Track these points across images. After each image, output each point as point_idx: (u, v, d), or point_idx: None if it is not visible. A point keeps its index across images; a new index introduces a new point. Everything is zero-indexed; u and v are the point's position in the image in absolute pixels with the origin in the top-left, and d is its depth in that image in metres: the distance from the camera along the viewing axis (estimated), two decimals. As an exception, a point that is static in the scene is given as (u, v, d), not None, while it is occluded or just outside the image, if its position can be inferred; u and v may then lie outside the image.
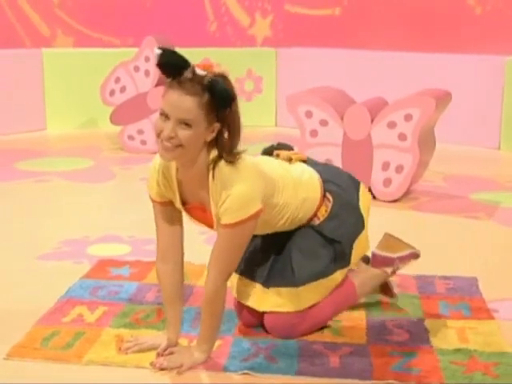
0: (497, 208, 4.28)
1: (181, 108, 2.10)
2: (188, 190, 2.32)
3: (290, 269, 2.48)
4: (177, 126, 2.11)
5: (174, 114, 2.11)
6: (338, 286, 2.56)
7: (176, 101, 2.10)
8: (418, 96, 4.33)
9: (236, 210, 2.19)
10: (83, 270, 3.15)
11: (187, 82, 2.10)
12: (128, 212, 4.15)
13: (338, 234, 2.51)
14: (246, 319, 2.59)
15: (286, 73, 7.00)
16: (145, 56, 5.63)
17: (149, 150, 5.71)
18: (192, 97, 2.10)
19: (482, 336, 2.53)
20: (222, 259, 2.29)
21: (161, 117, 2.14)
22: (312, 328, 2.52)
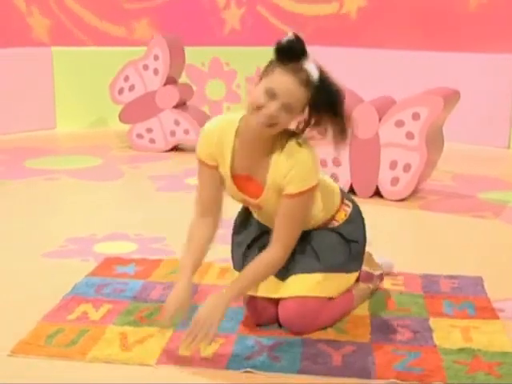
0: (504, 207, 4.26)
1: (293, 95, 2.21)
2: (243, 159, 2.39)
3: (313, 256, 2.53)
4: (281, 108, 2.21)
5: (284, 98, 2.21)
6: (346, 291, 2.62)
7: (290, 87, 2.21)
8: (426, 95, 4.32)
9: (301, 180, 2.32)
10: (89, 268, 3.16)
11: (303, 72, 2.22)
12: (135, 210, 4.17)
13: (355, 236, 2.62)
14: (258, 315, 2.57)
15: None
16: (154, 55, 5.64)
17: (157, 149, 5.74)
18: (305, 88, 2.22)
19: (486, 335, 2.52)
20: (286, 231, 2.39)
21: (266, 94, 2.21)
22: (322, 325, 2.53)
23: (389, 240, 3.56)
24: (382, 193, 4.37)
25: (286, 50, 2.23)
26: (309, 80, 2.23)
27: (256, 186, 2.42)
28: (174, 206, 4.26)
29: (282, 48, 2.24)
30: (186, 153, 5.74)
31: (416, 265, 3.24)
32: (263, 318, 2.58)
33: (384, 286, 2.95)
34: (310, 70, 2.24)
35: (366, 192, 4.38)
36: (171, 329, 2.54)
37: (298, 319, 2.49)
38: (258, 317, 2.58)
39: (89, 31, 6.88)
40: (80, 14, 6.84)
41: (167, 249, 3.45)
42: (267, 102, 2.22)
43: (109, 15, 6.90)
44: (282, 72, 2.22)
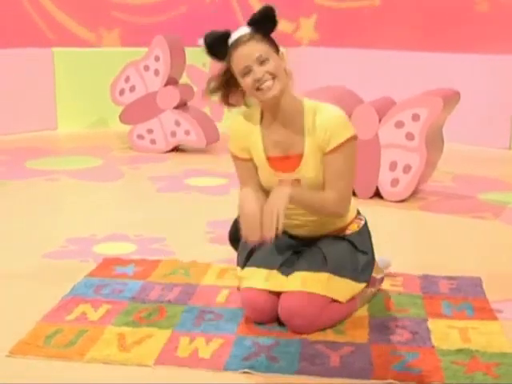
0: (504, 208, 4.26)
1: (252, 51, 2.41)
2: (273, 140, 2.54)
3: (321, 258, 2.57)
4: (258, 65, 2.40)
5: (250, 60, 2.41)
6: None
7: (244, 52, 2.41)
8: (426, 96, 4.32)
9: (339, 129, 2.47)
10: (89, 269, 3.17)
11: (237, 40, 2.43)
12: (135, 211, 4.17)
13: (365, 247, 2.69)
14: (258, 313, 2.57)
15: (294, 72, 6.98)
16: (155, 55, 5.65)
17: (158, 150, 5.74)
18: (251, 41, 2.42)
19: (485, 336, 2.53)
20: (339, 184, 2.50)
21: (247, 75, 2.42)
22: (321, 325, 2.54)
23: (388, 240, 3.56)
24: (381, 194, 4.37)
25: (211, 47, 2.49)
26: (246, 36, 2.43)
27: (292, 161, 2.53)
28: (174, 206, 4.26)
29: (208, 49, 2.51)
30: (186, 153, 5.75)
31: (415, 265, 3.24)
32: (263, 315, 2.58)
33: (383, 286, 2.95)
34: (238, 34, 2.45)
35: (366, 193, 4.38)
36: (170, 329, 2.55)
37: (299, 315, 2.49)
38: (258, 315, 2.59)
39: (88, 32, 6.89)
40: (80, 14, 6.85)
41: (167, 249, 3.45)
42: (252, 76, 2.41)
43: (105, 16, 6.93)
44: (232, 56, 2.44)
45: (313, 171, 2.52)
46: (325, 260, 2.58)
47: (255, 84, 2.43)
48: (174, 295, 2.87)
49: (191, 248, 3.47)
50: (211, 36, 2.49)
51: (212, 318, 2.66)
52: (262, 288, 2.57)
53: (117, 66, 5.89)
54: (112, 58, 6.51)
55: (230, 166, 5.20)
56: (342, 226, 2.69)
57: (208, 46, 2.50)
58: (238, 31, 2.47)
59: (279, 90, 2.44)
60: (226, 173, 5.07)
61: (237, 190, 4.54)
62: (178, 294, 2.88)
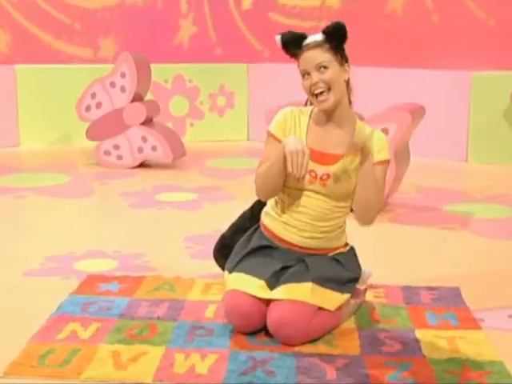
0: (470, 219, 4.37)
1: (316, 57, 2.58)
2: (317, 136, 2.67)
3: (304, 270, 2.65)
4: (317, 72, 2.57)
5: (312, 65, 2.58)
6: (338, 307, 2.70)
7: (309, 55, 2.58)
8: (394, 110, 4.41)
9: (388, 149, 2.68)
10: (72, 286, 3.15)
11: (311, 44, 2.59)
12: (111, 227, 4.16)
13: (351, 266, 2.79)
14: (244, 322, 2.61)
15: (257, 88, 7.07)
16: (121, 72, 5.65)
17: (125, 165, 5.73)
18: (320, 48, 2.59)
19: (472, 345, 2.59)
20: (383, 191, 2.69)
21: (305, 78, 2.60)
22: (310, 335, 2.58)
23: (363, 252, 3.59)
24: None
25: (286, 43, 2.63)
26: (315, 43, 2.59)
27: (329, 158, 2.65)
28: (148, 222, 4.26)
29: (283, 45, 2.64)
30: (153, 169, 5.75)
31: (393, 276, 3.30)
32: (248, 321, 2.62)
33: (366, 298, 3.00)
34: (311, 39, 2.61)
35: (337, 206, 4.44)
36: (164, 346, 2.56)
37: (288, 325, 2.53)
38: (244, 324, 2.62)
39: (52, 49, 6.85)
40: (42, 31, 6.81)
41: (148, 265, 3.45)
42: (308, 80, 2.59)
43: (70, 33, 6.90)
44: (300, 57, 2.61)
45: (346, 173, 2.63)
46: (307, 271, 2.65)
47: (311, 88, 2.58)
48: (163, 311, 2.87)
49: (173, 264, 3.48)
50: (288, 35, 2.64)
51: (203, 333, 2.67)
52: (248, 292, 2.61)
53: (81, 83, 5.88)
54: (75, 75, 6.49)
55: (198, 180, 5.29)
56: (337, 246, 2.77)
57: (284, 43, 2.63)
58: (313, 36, 2.63)
59: (333, 101, 2.60)
60: (195, 187, 5.11)
61: (209, 203, 4.62)
62: (167, 310, 2.88)
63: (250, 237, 2.83)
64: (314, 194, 2.66)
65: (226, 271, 2.79)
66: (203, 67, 7.06)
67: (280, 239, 2.74)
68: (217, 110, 7.06)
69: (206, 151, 6.52)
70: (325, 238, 2.72)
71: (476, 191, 5.10)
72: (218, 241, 3.01)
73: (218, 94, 7.06)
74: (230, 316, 2.65)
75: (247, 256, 2.75)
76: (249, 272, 2.68)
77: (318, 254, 2.72)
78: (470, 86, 6.08)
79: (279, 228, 2.73)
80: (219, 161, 6.17)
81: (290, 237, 2.71)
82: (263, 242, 2.76)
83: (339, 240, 2.78)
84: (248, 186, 5.16)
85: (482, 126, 6.09)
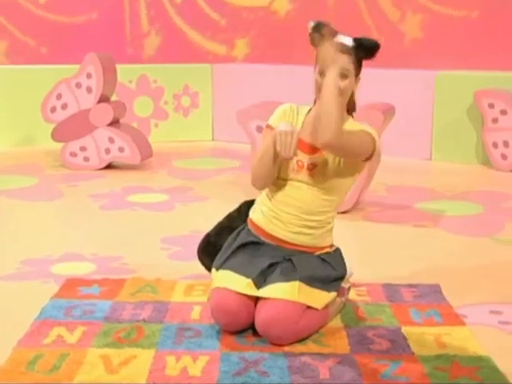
0: (441, 216, 4.43)
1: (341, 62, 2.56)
2: (309, 128, 2.66)
3: (291, 269, 2.65)
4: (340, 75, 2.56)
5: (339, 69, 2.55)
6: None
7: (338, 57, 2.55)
8: (366, 109, 4.44)
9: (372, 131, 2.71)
10: (51, 290, 3.10)
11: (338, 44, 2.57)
12: (85, 230, 4.12)
13: (337, 265, 2.78)
14: (231, 321, 2.61)
15: (221, 88, 7.06)
16: (87, 73, 5.58)
17: (92, 167, 5.67)
18: (346, 54, 2.56)
19: (458, 341, 2.63)
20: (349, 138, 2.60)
21: (322, 74, 2.58)
22: (299, 334, 2.59)
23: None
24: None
25: (319, 28, 2.61)
26: (346, 48, 2.57)
27: (316, 149, 2.64)
28: (122, 224, 4.22)
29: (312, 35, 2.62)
30: (121, 170, 5.69)
31: (371, 275, 3.33)
32: (237, 322, 2.62)
33: (350, 296, 3.02)
34: (341, 40, 2.58)
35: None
36: (153, 349, 2.54)
37: (277, 324, 2.53)
38: (231, 322, 2.62)
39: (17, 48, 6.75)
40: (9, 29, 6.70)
41: (127, 268, 3.42)
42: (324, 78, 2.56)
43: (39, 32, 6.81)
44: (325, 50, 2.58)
45: (332, 164, 2.64)
46: (295, 269, 2.66)
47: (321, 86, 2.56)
48: (148, 314, 2.85)
49: (152, 265, 3.46)
50: (321, 27, 2.61)
51: (192, 335, 2.66)
52: (235, 290, 2.61)
53: (44, 84, 5.80)
54: (39, 76, 6.40)
55: (167, 181, 5.26)
56: (324, 246, 2.78)
57: (314, 29, 2.61)
58: (344, 37, 2.60)
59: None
60: (166, 188, 5.08)
61: (181, 204, 4.59)
62: (151, 313, 2.86)
63: (237, 234, 2.83)
64: (302, 184, 2.67)
65: (214, 268, 2.78)
66: (167, 67, 7.02)
67: (267, 234, 2.74)
68: (181, 110, 7.03)
69: (172, 152, 6.48)
70: (312, 235, 2.72)
71: (444, 189, 5.17)
72: (203, 240, 2.99)
73: (182, 95, 7.03)
74: (217, 314, 2.64)
75: (234, 253, 2.75)
76: (236, 270, 2.68)
77: (305, 252, 2.73)
78: (433, 85, 6.16)
79: (267, 222, 2.73)
80: (186, 161, 6.15)
81: (277, 231, 2.71)
82: (251, 238, 2.76)
83: (326, 239, 2.78)
84: (219, 186, 5.21)
85: (445, 125, 6.17)
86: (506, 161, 5.79)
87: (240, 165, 5.94)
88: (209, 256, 2.94)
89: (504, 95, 5.76)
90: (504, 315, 2.90)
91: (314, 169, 2.65)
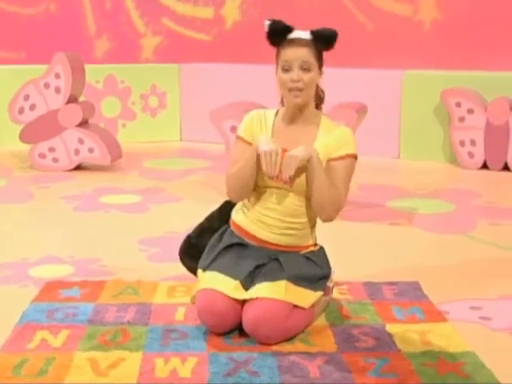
0: (414, 214, 4.48)
1: (301, 56, 2.61)
2: (283, 134, 2.71)
3: (278, 269, 2.67)
4: (299, 69, 2.61)
5: (297, 62, 2.61)
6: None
7: (295, 52, 2.61)
8: (341, 109, 4.47)
9: (352, 143, 2.70)
10: (30, 294, 3.06)
11: (297, 40, 2.62)
12: (59, 232, 4.07)
13: (322, 263, 2.81)
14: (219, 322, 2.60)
15: (189, 88, 7.03)
16: (55, 73, 5.51)
17: (61, 168, 5.61)
18: (306, 48, 2.62)
19: (442, 338, 2.66)
20: (343, 186, 2.69)
21: (284, 70, 2.63)
22: (287, 334, 2.60)
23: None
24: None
25: (271, 33, 2.66)
26: (305, 41, 2.62)
27: None
28: (97, 225, 4.18)
29: (268, 34, 2.67)
30: (90, 171, 5.64)
31: (350, 273, 3.34)
32: (224, 324, 2.62)
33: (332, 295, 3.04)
34: (297, 35, 2.64)
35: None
36: (140, 351, 2.52)
37: (264, 324, 2.54)
38: (218, 323, 2.61)
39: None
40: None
41: (105, 270, 3.39)
42: (288, 75, 2.62)
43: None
44: (283, 49, 2.64)
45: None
46: (281, 269, 2.66)
47: (288, 83, 2.62)
48: (131, 316, 2.83)
49: (130, 267, 3.43)
50: (278, 24, 2.66)
51: (178, 336, 2.65)
52: (222, 291, 2.61)
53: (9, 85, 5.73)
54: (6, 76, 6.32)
55: (139, 182, 5.23)
56: (308, 245, 2.79)
57: (272, 30, 2.66)
58: (300, 31, 2.65)
59: (303, 101, 2.65)
60: (138, 189, 5.04)
61: (155, 205, 4.57)
62: (135, 315, 2.84)
63: (221, 236, 2.82)
64: (282, 190, 2.68)
65: (200, 269, 2.77)
66: (135, 67, 6.98)
67: (251, 236, 2.74)
68: (149, 110, 6.98)
69: (141, 152, 6.44)
70: (295, 236, 2.73)
71: (415, 187, 5.22)
72: (184, 241, 2.99)
73: (149, 95, 6.98)
74: (205, 315, 2.63)
75: (220, 254, 2.75)
76: (223, 271, 2.68)
77: (290, 252, 2.73)
78: (401, 84, 6.22)
79: (250, 224, 2.74)
80: (156, 162, 6.11)
81: (260, 233, 2.72)
82: (235, 240, 2.76)
83: (309, 238, 2.79)
84: (191, 187, 5.19)
85: (413, 124, 6.23)
86: (473, 159, 5.87)
87: (210, 165, 5.93)
88: (191, 258, 2.94)
89: (471, 94, 5.84)
90: (484, 310, 2.95)
91: (293, 178, 2.64)
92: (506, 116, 5.69)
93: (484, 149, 5.81)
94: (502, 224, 4.26)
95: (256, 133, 2.74)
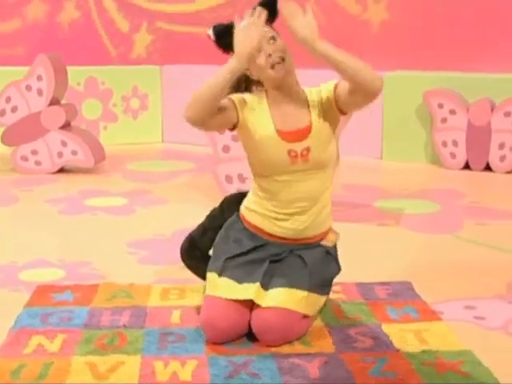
0: (401, 215, 4.49)
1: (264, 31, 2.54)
2: (283, 113, 2.62)
3: (305, 273, 2.62)
4: (270, 41, 2.55)
5: (265, 38, 2.54)
6: None
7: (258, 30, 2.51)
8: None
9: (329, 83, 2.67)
10: (22, 298, 3.03)
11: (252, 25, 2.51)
12: (47, 235, 4.04)
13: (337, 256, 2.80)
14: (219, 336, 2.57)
15: (171, 89, 7.01)
16: (37, 75, 5.47)
17: (44, 171, 5.57)
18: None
19: (438, 337, 2.67)
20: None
21: (259, 54, 2.53)
22: (291, 339, 2.59)
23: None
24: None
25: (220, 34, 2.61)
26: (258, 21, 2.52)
27: (302, 132, 2.60)
28: (84, 229, 4.15)
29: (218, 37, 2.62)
30: (74, 174, 5.60)
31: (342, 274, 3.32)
32: (224, 340, 2.58)
33: (326, 295, 3.04)
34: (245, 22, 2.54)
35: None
36: (138, 354, 2.51)
37: (274, 331, 2.53)
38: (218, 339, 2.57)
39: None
40: None
41: (97, 273, 3.37)
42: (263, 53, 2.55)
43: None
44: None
45: (321, 140, 2.61)
46: (308, 275, 2.62)
47: (268, 61, 2.54)
48: (127, 319, 2.81)
49: (121, 270, 3.41)
50: (219, 28, 2.60)
51: (175, 339, 2.63)
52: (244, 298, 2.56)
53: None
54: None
55: (123, 184, 5.20)
56: (322, 232, 2.72)
57: (218, 35, 2.60)
58: (243, 20, 2.55)
59: (289, 69, 2.60)
60: (124, 192, 5.01)
61: (142, 207, 4.54)
62: (130, 318, 2.82)
63: (227, 231, 2.73)
64: (301, 174, 2.60)
65: (214, 273, 2.66)
66: (116, 69, 6.94)
67: (269, 234, 2.68)
68: (130, 112, 6.95)
69: (124, 154, 6.40)
70: (317, 222, 2.67)
71: (399, 187, 5.24)
72: (186, 242, 2.96)
73: (131, 97, 6.95)
74: (207, 330, 2.59)
75: (235, 257, 2.65)
76: (240, 280, 2.60)
77: (310, 244, 2.69)
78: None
79: (269, 225, 2.66)
80: (139, 164, 6.08)
81: (281, 232, 2.66)
82: (257, 243, 2.67)
83: (327, 222, 2.74)
84: (177, 189, 5.17)
85: (395, 125, 6.26)
86: (455, 159, 5.92)
87: (194, 167, 5.91)
88: (194, 259, 2.92)
89: (453, 95, 5.89)
90: (478, 310, 2.97)
91: (308, 153, 2.59)
92: (488, 117, 5.74)
93: (466, 149, 5.86)
94: (488, 224, 4.29)
95: (250, 112, 2.61)
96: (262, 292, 2.58)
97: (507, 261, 3.61)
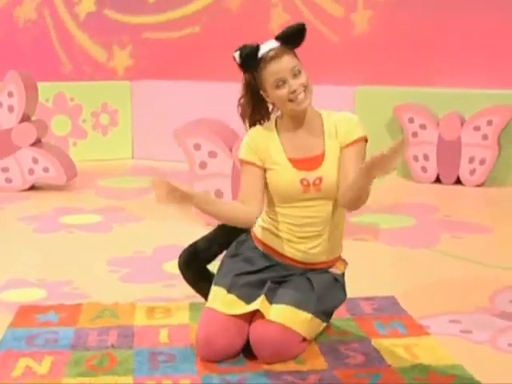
0: (377, 229, 4.51)
1: (287, 63, 2.55)
2: (294, 144, 2.63)
3: (312, 296, 2.61)
4: (293, 76, 2.55)
5: (287, 71, 2.55)
6: None
7: (279, 63, 2.55)
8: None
9: (358, 125, 2.64)
10: (3, 319, 2.97)
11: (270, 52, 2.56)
12: (24, 254, 3.99)
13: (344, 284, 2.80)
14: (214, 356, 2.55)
15: (141, 105, 6.97)
16: (8, 91, 5.40)
17: (15, 188, 5.49)
18: (286, 54, 2.57)
19: (428, 351, 2.68)
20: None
21: (281, 87, 2.54)
22: (286, 359, 2.57)
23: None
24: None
25: (245, 59, 2.60)
26: (280, 49, 2.57)
27: (314, 161, 2.62)
28: (61, 247, 4.10)
29: (242, 61, 2.60)
30: (46, 191, 5.53)
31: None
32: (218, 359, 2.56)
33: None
34: (267, 48, 2.58)
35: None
36: (130, 375, 2.48)
37: (275, 344, 2.52)
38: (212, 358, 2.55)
39: None
40: None
41: (79, 292, 3.32)
42: (287, 87, 2.54)
43: None
44: (265, 68, 2.57)
45: (334, 169, 2.60)
46: (315, 300, 2.62)
47: (289, 96, 2.54)
48: (114, 339, 2.77)
49: (104, 289, 3.37)
50: (246, 48, 2.59)
51: (166, 359, 2.61)
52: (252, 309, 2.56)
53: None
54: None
55: (97, 201, 5.14)
56: (332, 259, 2.76)
57: (244, 58, 2.59)
58: (267, 44, 2.59)
59: (311, 100, 2.59)
60: (97, 209, 4.96)
61: (118, 225, 4.50)
62: (118, 338, 2.79)
63: (237, 249, 2.74)
64: (313, 201, 2.62)
65: (222, 288, 2.63)
66: (85, 85, 6.88)
67: (281, 255, 2.69)
68: (100, 128, 6.90)
69: (94, 171, 6.33)
70: (328, 247, 2.70)
71: (372, 201, 5.12)
72: (188, 253, 2.91)
73: (100, 112, 6.90)
74: (202, 347, 2.57)
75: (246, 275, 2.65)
76: (248, 300, 2.59)
77: (319, 269, 2.71)
78: (353, 99, 6.29)
79: (282, 245, 2.67)
80: (110, 180, 6.03)
81: (292, 253, 2.67)
82: (268, 263, 2.68)
83: (339, 248, 2.78)
84: (151, 206, 5.10)
85: (366, 139, 6.29)
86: (426, 173, 5.98)
87: (167, 183, 5.86)
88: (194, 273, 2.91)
89: (423, 110, 5.95)
90: (464, 324, 2.99)
91: (320, 183, 2.60)
92: (458, 131, 5.82)
93: (437, 163, 5.92)
94: (463, 237, 4.33)
95: (262, 149, 2.64)
96: (266, 304, 2.57)
97: (486, 275, 3.65)
